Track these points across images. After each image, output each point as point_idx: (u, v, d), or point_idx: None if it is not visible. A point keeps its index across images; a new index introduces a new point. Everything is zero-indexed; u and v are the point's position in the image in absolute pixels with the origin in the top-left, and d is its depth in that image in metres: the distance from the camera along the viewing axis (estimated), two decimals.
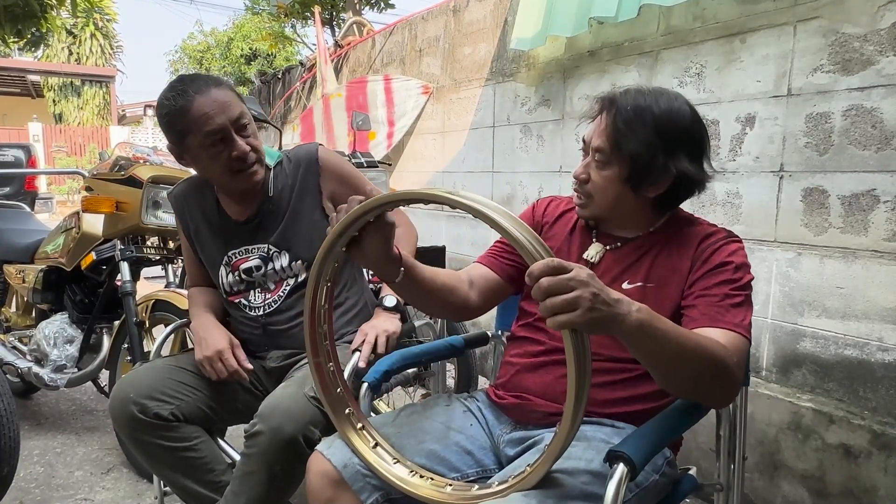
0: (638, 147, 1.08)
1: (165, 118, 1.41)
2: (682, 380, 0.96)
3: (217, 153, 1.40)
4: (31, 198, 5.41)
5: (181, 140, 1.41)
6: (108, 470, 2.26)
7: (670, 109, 1.10)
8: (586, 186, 1.16)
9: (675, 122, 1.09)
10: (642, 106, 1.09)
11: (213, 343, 1.48)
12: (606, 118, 1.12)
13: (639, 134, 1.08)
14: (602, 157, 1.12)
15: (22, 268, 2.66)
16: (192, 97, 1.37)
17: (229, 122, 1.38)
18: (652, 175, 1.10)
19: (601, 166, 1.13)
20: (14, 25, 4.57)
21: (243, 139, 1.42)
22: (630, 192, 1.12)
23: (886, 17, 1.68)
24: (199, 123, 1.36)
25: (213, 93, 1.38)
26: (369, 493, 1.06)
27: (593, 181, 1.14)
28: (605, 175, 1.12)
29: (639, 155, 1.08)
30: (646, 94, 1.11)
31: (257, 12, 14.72)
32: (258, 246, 1.54)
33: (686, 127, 1.11)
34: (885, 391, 1.74)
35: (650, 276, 1.13)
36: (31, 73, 17.27)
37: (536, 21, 2.76)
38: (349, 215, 0.96)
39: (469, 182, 3.60)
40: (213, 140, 1.38)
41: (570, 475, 0.95)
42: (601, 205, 1.16)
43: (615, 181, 1.12)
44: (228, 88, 1.43)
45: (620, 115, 1.09)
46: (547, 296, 0.77)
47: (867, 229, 1.75)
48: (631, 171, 1.10)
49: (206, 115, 1.36)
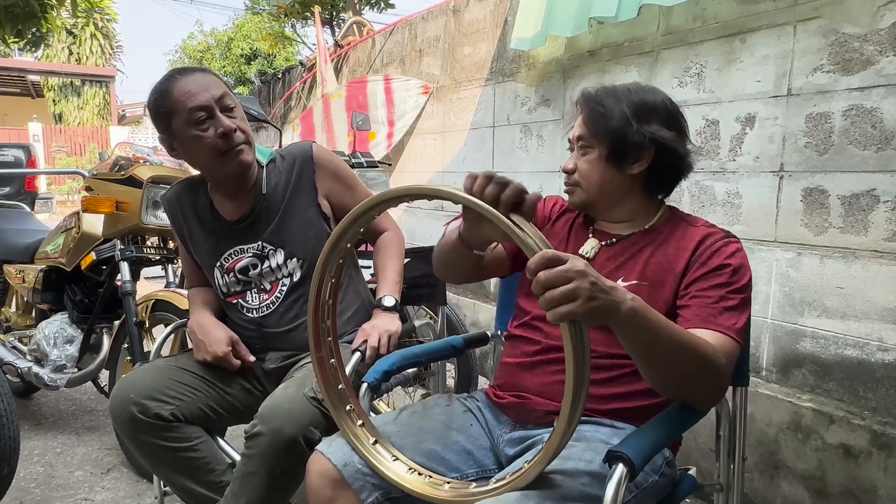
0: (613, 122, 1.14)
1: (153, 104, 1.42)
2: (671, 376, 0.96)
3: (202, 132, 1.39)
4: (31, 198, 5.40)
5: (168, 124, 1.41)
6: (108, 470, 2.26)
7: (640, 88, 1.19)
8: (574, 176, 1.21)
9: (645, 96, 1.17)
10: (614, 88, 1.19)
11: (212, 346, 1.49)
12: (580, 110, 1.20)
13: (612, 110, 1.14)
14: (583, 143, 1.19)
15: (22, 268, 2.66)
16: (176, 79, 1.39)
17: (213, 100, 1.39)
18: (630, 147, 1.14)
19: (584, 152, 1.19)
20: (14, 25, 4.57)
21: (230, 119, 1.42)
22: (614, 171, 1.16)
23: (886, 17, 1.68)
24: (183, 101, 1.37)
25: (196, 75, 1.41)
26: (369, 492, 1.06)
27: (579, 168, 1.20)
28: (588, 159, 1.18)
29: (614, 129, 1.14)
30: (616, 85, 1.21)
31: (257, 12, 14.70)
32: (251, 244, 1.54)
33: (657, 101, 1.17)
34: (885, 391, 1.73)
35: (645, 275, 1.14)
36: (31, 73, 17.28)
37: (536, 21, 2.76)
38: (353, 211, 0.96)
39: None
40: (196, 118, 1.38)
41: (569, 476, 0.95)
42: (587, 189, 1.20)
43: (597, 162, 1.17)
44: (214, 75, 1.46)
45: (594, 100, 1.18)
46: (546, 289, 0.78)
47: (867, 229, 1.75)
48: (610, 148, 1.15)
49: (188, 92, 1.38)
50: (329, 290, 1.07)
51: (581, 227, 1.27)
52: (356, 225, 0.98)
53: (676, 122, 1.17)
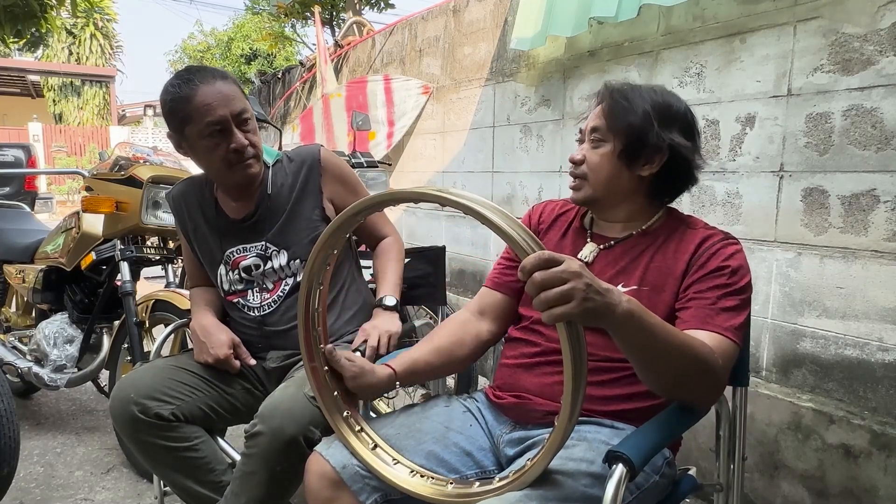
0: (634, 118, 1.12)
1: (169, 104, 1.41)
2: (667, 377, 0.96)
3: (215, 144, 1.41)
4: (31, 198, 5.41)
5: (181, 128, 1.42)
6: (108, 470, 2.26)
7: (665, 92, 1.17)
8: (581, 167, 1.18)
9: (669, 101, 1.16)
10: (639, 86, 1.17)
11: (214, 348, 1.49)
12: (600, 103, 1.18)
13: (636, 105, 1.13)
14: (598, 136, 1.16)
15: (22, 268, 2.66)
16: (197, 86, 1.38)
17: (230, 115, 1.39)
18: (646, 148, 1.13)
19: (596, 145, 1.17)
20: (14, 25, 4.57)
21: (243, 134, 1.42)
22: (624, 169, 1.15)
23: (886, 17, 1.68)
24: (201, 113, 1.37)
25: (217, 84, 1.39)
26: (368, 494, 1.06)
27: (588, 161, 1.18)
28: (601, 152, 1.16)
29: (634, 126, 1.12)
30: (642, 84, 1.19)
31: (257, 12, 14.72)
32: (255, 244, 1.54)
33: (680, 108, 1.16)
34: (885, 391, 1.73)
35: (645, 279, 1.13)
36: (31, 73, 17.28)
37: (536, 21, 2.76)
38: (340, 216, 0.96)
39: (469, 182, 3.60)
40: (212, 130, 1.39)
41: (570, 477, 0.95)
42: (595, 184, 1.17)
43: (610, 157, 1.15)
44: (234, 83, 1.44)
45: (618, 93, 1.15)
46: (541, 290, 0.77)
47: (867, 229, 1.75)
48: (626, 144, 1.13)
49: (208, 105, 1.37)
50: (318, 297, 1.07)
51: (578, 231, 1.26)
52: (341, 231, 0.98)
53: (693, 133, 1.17)
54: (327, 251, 1.01)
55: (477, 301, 1.32)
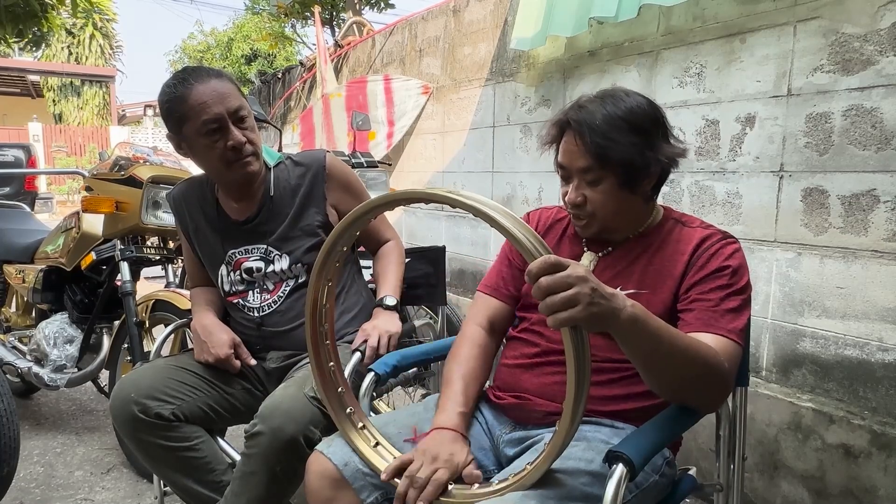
0: (624, 153, 1.06)
1: (165, 105, 1.42)
2: (673, 381, 0.96)
3: (213, 142, 1.41)
4: (31, 198, 5.41)
5: (179, 128, 1.42)
6: (108, 470, 2.26)
7: (631, 107, 1.09)
8: (585, 208, 1.13)
9: (640, 115, 1.09)
10: (609, 114, 1.08)
11: (214, 348, 1.49)
12: (577, 139, 1.09)
13: (620, 140, 1.06)
14: (592, 176, 1.10)
15: (22, 268, 2.66)
16: (192, 85, 1.38)
17: (227, 113, 1.39)
18: (645, 170, 1.10)
19: (594, 184, 1.11)
20: (15, 25, 4.58)
21: (241, 131, 1.42)
22: (629, 195, 1.12)
23: (886, 17, 1.68)
24: (197, 111, 1.37)
25: (213, 83, 1.40)
26: (369, 492, 1.06)
27: (591, 200, 1.12)
28: (602, 189, 1.11)
29: (629, 158, 1.07)
30: (602, 102, 1.10)
31: (257, 12, 14.72)
32: (257, 246, 1.54)
33: (651, 115, 1.10)
34: (885, 391, 1.74)
35: (643, 282, 1.13)
36: (31, 73, 17.28)
37: (536, 21, 2.76)
38: (350, 214, 0.96)
39: (469, 182, 3.60)
40: (209, 128, 1.39)
41: (570, 476, 0.95)
42: (604, 219, 1.14)
43: (613, 191, 1.10)
44: (230, 81, 1.44)
45: (594, 131, 1.07)
46: (546, 294, 0.78)
47: (867, 229, 1.75)
48: (624, 175, 1.09)
49: (204, 103, 1.37)
50: (326, 293, 1.07)
51: (574, 238, 1.25)
52: (352, 228, 0.98)
53: (664, 125, 1.14)
54: (339, 248, 1.02)
55: (484, 313, 1.28)
